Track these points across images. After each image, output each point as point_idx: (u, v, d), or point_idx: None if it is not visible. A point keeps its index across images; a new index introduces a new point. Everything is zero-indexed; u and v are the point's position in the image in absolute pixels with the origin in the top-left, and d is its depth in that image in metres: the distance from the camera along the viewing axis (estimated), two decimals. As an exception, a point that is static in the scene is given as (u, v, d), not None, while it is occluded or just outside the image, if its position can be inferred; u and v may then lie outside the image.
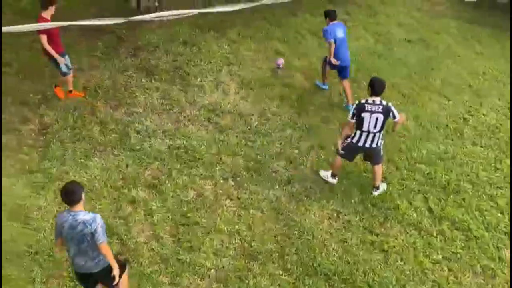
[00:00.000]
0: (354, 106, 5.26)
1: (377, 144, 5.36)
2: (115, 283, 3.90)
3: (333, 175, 5.78)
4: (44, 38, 6.17)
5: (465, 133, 6.95)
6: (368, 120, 5.17)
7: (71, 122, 6.46)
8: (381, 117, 5.17)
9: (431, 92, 7.78)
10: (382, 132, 5.31)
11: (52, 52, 6.31)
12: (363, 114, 5.17)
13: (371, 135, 5.27)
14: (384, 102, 5.22)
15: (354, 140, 5.37)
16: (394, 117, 5.26)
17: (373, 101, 5.18)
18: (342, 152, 5.55)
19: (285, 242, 5.15)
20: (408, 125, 6.93)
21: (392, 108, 5.27)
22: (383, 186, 5.82)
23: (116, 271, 3.85)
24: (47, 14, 6.20)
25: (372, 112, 5.15)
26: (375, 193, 5.75)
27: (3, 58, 7.41)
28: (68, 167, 5.79)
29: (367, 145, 5.33)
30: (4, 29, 3.35)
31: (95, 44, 8.10)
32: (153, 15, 3.31)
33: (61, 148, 6.05)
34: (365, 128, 5.23)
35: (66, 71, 6.62)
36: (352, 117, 5.25)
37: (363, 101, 5.24)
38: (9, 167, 5.71)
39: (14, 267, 4.63)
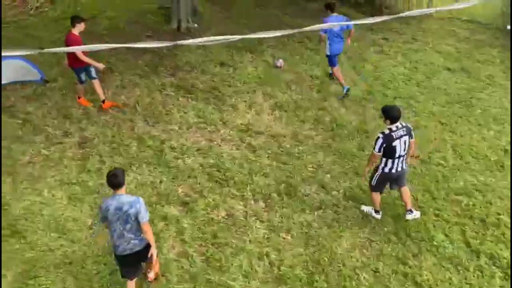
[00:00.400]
0: (381, 140, 5.20)
1: (406, 163, 5.44)
2: (154, 263, 4.28)
3: (376, 212, 5.71)
4: (81, 53, 6.51)
5: (506, 165, 6.68)
6: (399, 146, 5.23)
7: (110, 137, 6.68)
8: (407, 138, 5.28)
9: (470, 121, 7.58)
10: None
11: (92, 62, 6.74)
12: (394, 143, 5.19)
13: (401, 158, 5.33)
14: (403, 124, 5.31)
15: (387, 170, 5.33)
16: (412, 136, 5.33)
17: (397, 127, 5.24)
18: (375, 185, 5.51)
19: (315, 268, 5.06)
20: (446, 154, 6.75)
21: (411, 127, 5.40)
22: (416, 213, 5.67)
23: (154, 250, 4.19)
24: (76, 31, 6.60)
25: (400, 137, 5.22)
26: (409, 217, 5.58)
27: (50, 74, 7.82)
28: (104, 180, 5.91)
29: (399, 168, 5.36)
30: (57, 49, 3.57)
31: (136, 63, 8.41)
32: (199, 39, 3.45)
33: (99, 162, 6.25)
34: (397, 154, 5.26)
35: (84, 79, 7.03)
36: (379, 150, 5.23)
37: (387, 131, 5.22)
38: (50, 178, 5.94)
39: (50, 277, 4.76)
